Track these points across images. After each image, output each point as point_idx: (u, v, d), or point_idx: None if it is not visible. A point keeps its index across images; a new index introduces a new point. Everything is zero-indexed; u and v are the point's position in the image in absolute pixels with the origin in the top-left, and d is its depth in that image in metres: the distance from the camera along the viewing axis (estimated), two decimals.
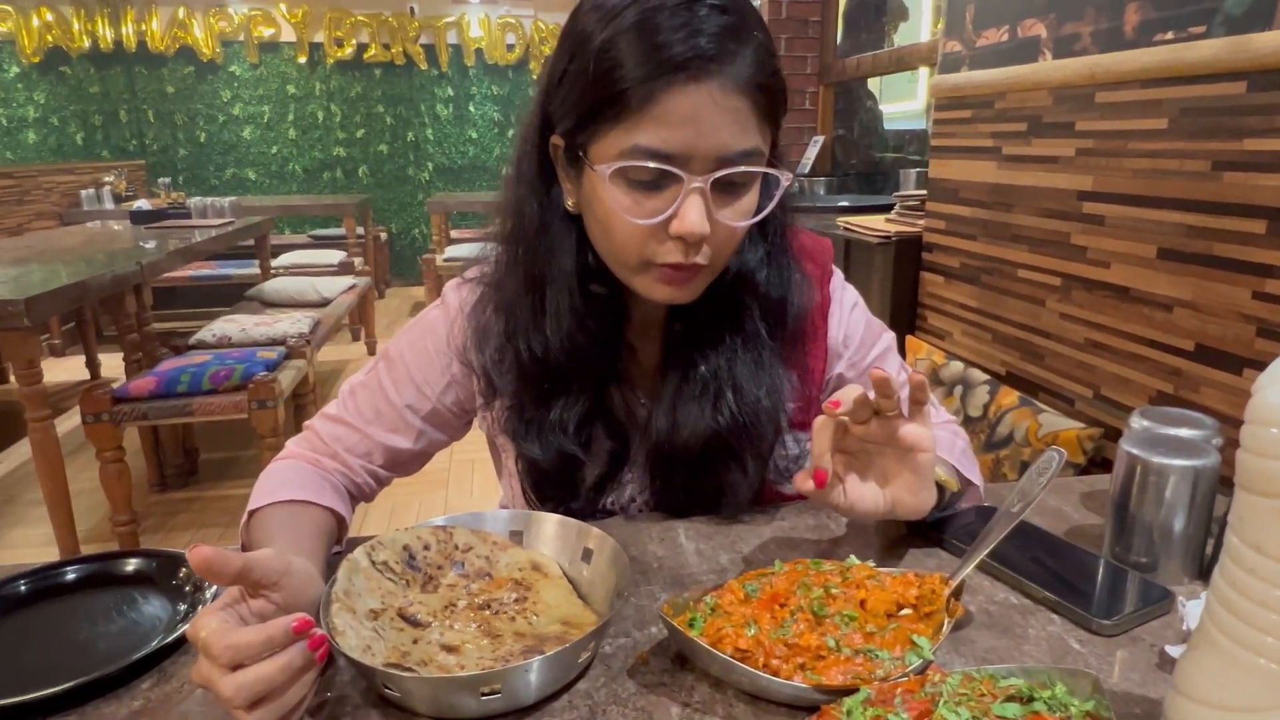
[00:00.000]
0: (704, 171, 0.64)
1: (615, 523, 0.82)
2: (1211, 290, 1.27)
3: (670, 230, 0.65)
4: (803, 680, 0.53)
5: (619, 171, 0.65)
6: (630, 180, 0.65)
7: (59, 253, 2.76)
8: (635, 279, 0.71)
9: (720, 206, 0.66)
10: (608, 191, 0.65)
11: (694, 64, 0.61)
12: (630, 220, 0.66)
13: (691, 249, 0.67)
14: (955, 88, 1.92)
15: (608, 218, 0.67)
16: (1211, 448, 0.69)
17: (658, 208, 0.65)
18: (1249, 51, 1.17)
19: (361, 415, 0.83)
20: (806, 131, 3.62)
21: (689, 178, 0.64)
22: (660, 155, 0.63)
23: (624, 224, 0.66)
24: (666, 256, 0.67)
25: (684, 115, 0.62)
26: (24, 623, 0.67)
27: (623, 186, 0.65)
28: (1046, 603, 0.66)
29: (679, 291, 0.71)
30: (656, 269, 0.69)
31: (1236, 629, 0.42)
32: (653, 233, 0.67)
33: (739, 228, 0.68)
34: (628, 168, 0.64)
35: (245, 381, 2.28)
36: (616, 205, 0.65)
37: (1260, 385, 0.40)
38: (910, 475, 0.66)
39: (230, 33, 5.80)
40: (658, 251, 0.67)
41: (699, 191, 0.64)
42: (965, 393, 1.81)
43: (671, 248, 0.67)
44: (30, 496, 2.77)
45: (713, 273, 0.72)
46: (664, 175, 0.64)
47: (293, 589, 0.55)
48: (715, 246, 0.68)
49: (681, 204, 0.64)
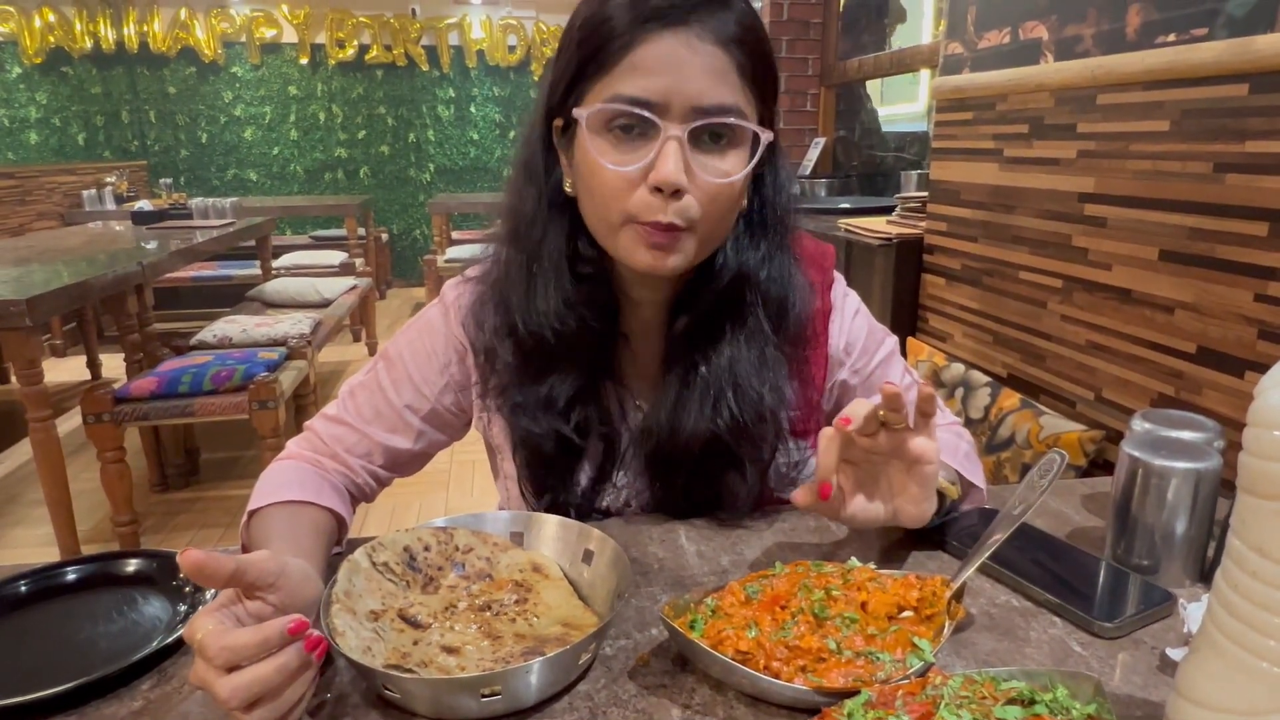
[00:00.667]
0: (681, 120, 0.65)
1: (616, 524, 0.82)
2: (1213, 292, 1.27)
3: (649, 181, 0.66)
4: (803, 682, 0.53)
5: (598, 119, 0.67)
6: (611, 130, 0.67)
7: (60, 253, 2.76)
8: (618, 241, 0.70)
9: (701, 162, 0.67)
10: (590, 143, 0.67)
11: (671, 13, 0.64)
12: (611, 169, 0.66)
13: (671, 202, 0.66)
14: (957, 89, 1.92)
15: (591, 173, 0.68)
16: (1213, 450, 0.69)
17: (637, 158, 0.66)
18: (1251, 53, 1.17)
19: (361, 416, 0.83)
20: (808, 133, 3.62)
21: (666, 125, 0.65)
22: (638, 101, 0.65)
23: (605, 175, 0.67)
24: (646, 213, 0.67)
25: (661, 63, 0.64)
26: (24, 623, 0.67)
27: (605, 137, 0.67)
28: (1048, 605, 0.66)
29: (660, 257, 0.69)
30: (638, 227, 0.68)
31: (1238, 632, 0.42)
32: (632, 185, 0.67)
33: (720, 185, 0.68)
34: (606, 112, 0.66)
35: (246, 382, 2.29)
36: (597, 154, 0.67)
37: (1262, 388, 0.40)
38: (913, 486, 0.66)
39: (232, 34, 5.81)
40: (638, 207, 0.67)
41: (676, 140, 0.65)
42: (966, 395, 1.81)
43: (651, 202, 0.67)
44: (31, 496, 2.78)
45: (699, 243, 0.70)
46: (644, 124, 0.66)
47: (289, 590, 0.55)
48: (703, 206, 0.68)
49: (658, 152, 0.65)
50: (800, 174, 3.36)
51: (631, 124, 0.66)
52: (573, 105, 0.69)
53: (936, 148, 2.03)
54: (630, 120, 0.66)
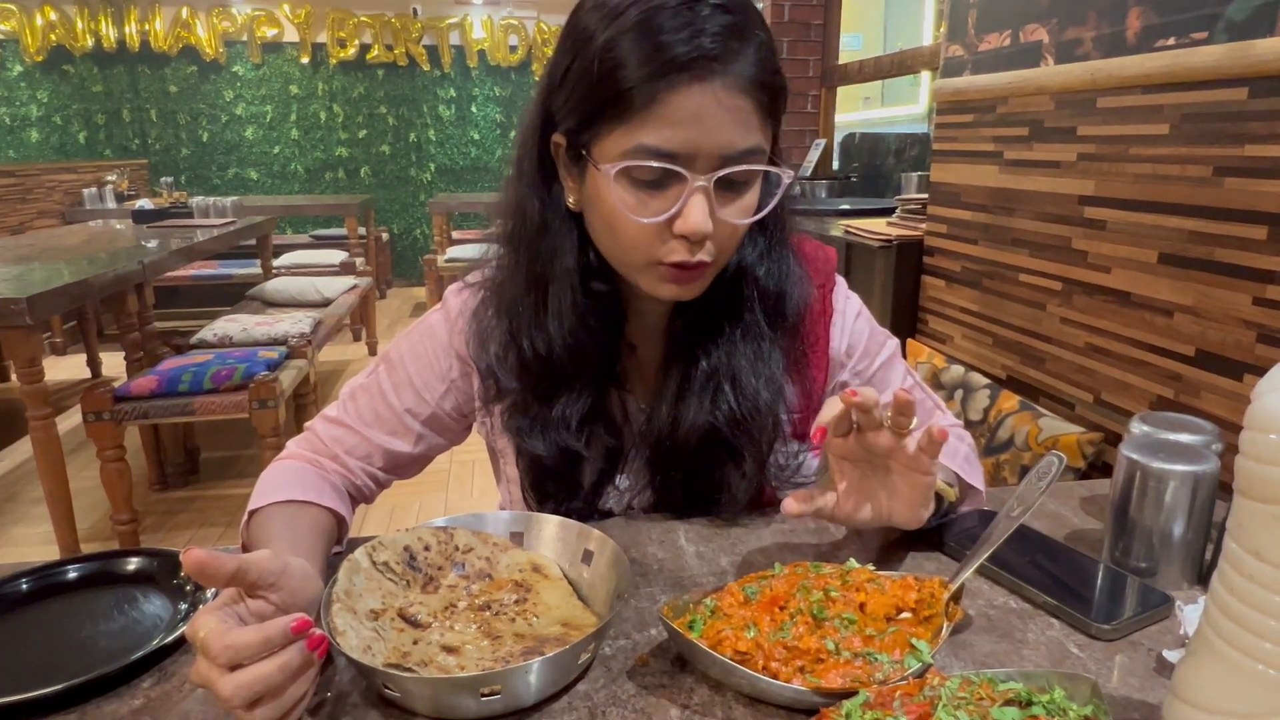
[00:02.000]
0: (707, 170, 0.65)
1: (615, 524, 0.82)
2: (1212, 295, 1.27)
3: (674, 229, 0.66)
4: (802, 683, 0.53)
5: (623, 171, 0.65)
6: (634, 179, 0.66)
7: (61, 251, 2.76)
8: (640, 277, 0.72)
9: (723, 204, 0.67)
10: (612, 191, 0.66)
11: (698, 64, 0.62)
12: (635, 219, 0.66)
13: (695, 247, 0.67)
14: (957, 92, 1.92)
15: (612, 217, 0.68)
16: (1211, 453, 0.69)
17: (661, 207, 0.66)
18: (1251, 58, 1.18)
19: (361, 418, 0.83)
20: (808, 134, 3.62)
21: (693, 177, 0.64)
22: (665, 154, 0.64)
23: (629, 223, 0.67)
24: (671, 255, 0.68)
25: (688, 115, 0.62)
26: (25, 621, 0.67)
27: (627, 186, 0.66)
28: (1046, 607, 0.66)
29: (684, 289, 0.71)
30: (662, 268, 0.69)
31: (1234, 634, 0.42)
32: (657, 231, 0.67)
33: (741, 225, 0.69)
34: (632, 167, 0.65)
35: (246, 381, 2.29)
36: (621, 204, 0.66)
37: (1259, 391, 0.41)
38: (910, 491, 0.67)
39: (233, 33, 5.81)
40: (662, 250, 0.68)
41: (703, 190, 0.65)
42: (966, 397, 1.81)
43: (675, 246, 0.67)
44: (31, 495, 2.78)
45: (716, 269, 0.73)
46: (668, 174, 0.65)
47: (291, 589, 0.55)
48: (718, 244, 0.69)
49: (685, 203, 0.65)
50: (800, 175, 3.36)
51: (656, 175, 0.65)
52: (586, 141, 0.67)
53: (937, 150, 2.03)
54: (655, 174, 0.65)
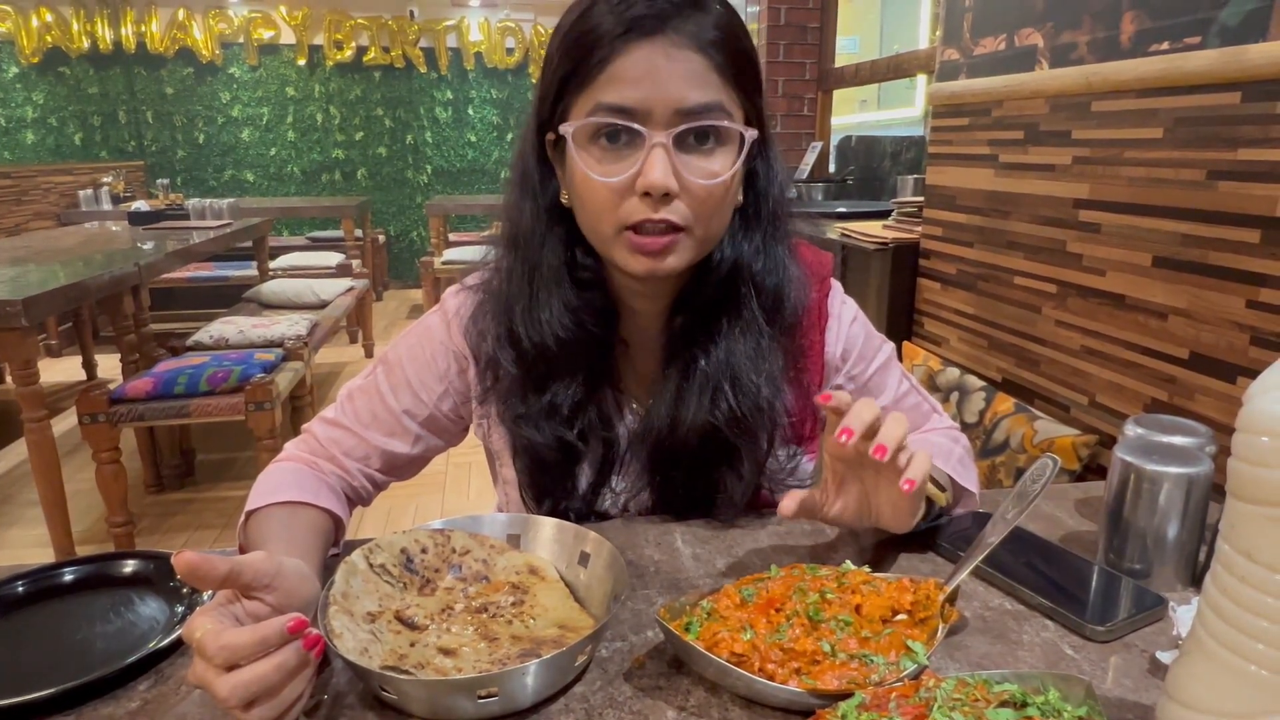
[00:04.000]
0: (664, 126, 0.67)
1: (612, 527, 0.82)
2: (1206, 298, 1.28)
3: (637, 186, 0.67)
4: (798, 684, 0.53)
5: (585, 132, 0.68)
6: (597, 141, 0.68)
7: (57, 253, 2.76)
8: (614, 251, 0.72)
9: (689, 165, 0.68)
10: (578, 156, 0.68)
11: (645, 22, 0.65)
12: (600, 180, 0.68)
13: (659, 204, 0.68)
14: (953, 95, 1.93)
15: (582, 184, 0.70)
16: (1205, 455, 0.70)
17: (624, 168, 0.68)
18: (1243, 62, 1.18)
19: (359, 420, 0.83)
20: (805, 137, 3.63)
21: (650, 133, 0.66)
22: (620, 110, 0.66)
23: (595, 186, 0.68)
24: (635, 214, 0.68)
25: (639, 71, 0.65)
26: (21, 624, 0.67)
27: (591, 149, 0.69)
28: (1041, 609, 0.66)
29: (655, 261, 0.70)
30: (630, 237, 0.69)
31: (1227, 635, 0.42)
32: (622, 194, 0.68)
33: (710, 186, 0.69)
34: (590, 125, 0.67)
35: (242, 383, 2.28)
36: (586, 167, 0.68)
37: (1251, 394, 0.41)
38: (898, 497, 0.67)
39: (230, 34, 5.80)
40: (631, 214, 0.68)
41: (662, 146, 0.66)
42: (961, 399, 1.81)
43: (642, 206, 0.68)
44: (26, 497, 2.77)
45: (696, 244, 0.72)
46: (629, 134, 0.67)
47: (286, 590, 0.55)
48: (693, 208, 0.69)
49: (645, 159, 0.67)
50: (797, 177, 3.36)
51: (617, 133, 0.67)
52: (559, 120, 0.70)
53: (933, 153, 2.04)
54: (615, 130, 0.67)
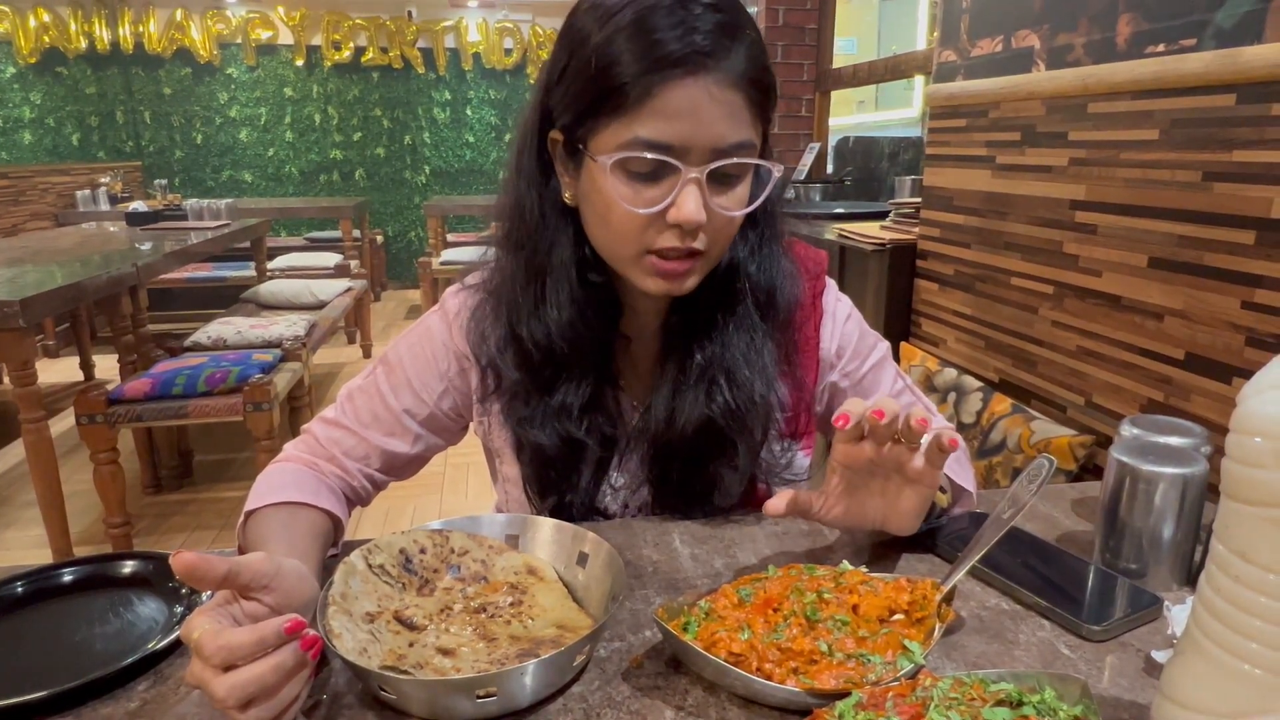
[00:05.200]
0: (700, 163, 0.66)
1: (610, 527, 0.82)
2: (1201, 299, 1.28)
3: (668, 219, 0.68)
4: (795, 684, 0.53)
5: (619, 163, 0.67)
6: (629, 171, 0.67)
7: (54, 254, 2.75)
8: (631, 270, 0.72)
9: (715, 196, 0.68)
10: (608, 182, 0.67)
11: (691, 59, 0.64)
12: (630, 209, 0.68)
13: (688, 236, 0.69)
14: (950, 97, 1.93)
15: (607, 208, 0.69)
16: (1200, 456, 0.70)
17: (656, 197, 0.67)
18: (1239, 64, 1.19)
19: (359, 419, 0.83)
20: (803, 138, 3.63)
21: (686, 169, 0.66)
22: (659, 146, 0.65)
23: (623, 213, 0.68)
24: (663, 242, 0.69)
25: (682, 108, 0.64)
26: (21, 624, 0.67)
27: (622, 177, 0.68)
28: (1037, 608, 0.67)
29: (672, 284, 0.72)
30: (652, 260, 0.70)
31: (1221, 634, 0.42)
32: (650, 222, 0.69)
33: (734, 217, 0.70)
34: (628, 159, 0.66)
35: (240, 384, 2.28)
36: (616, 195, 0.67)
37: (1245, 395, 0.41)
38: (909, 501, 0.68)
39: (228, 35, 5.80)
40: (655, 239, 0.69)
41: (695, 182, 0.66)
42: (958, 400, 1.82)
43: (668, 234, 0.69)
44: (24, 498, 2.76)
45: (708, 263, 0.74)
46: (662, 166, 0.67)
47: (285, 590, 0.55)
48: (711, 235, 0.70)
49: (679, 193, 0.67)
50: (795, 179, 3.37)
51: (651, 167, 0.67)
52: (583, 136, 0.69)
53: (930, 154, 2.04)
54: (650, 166, 0.67)
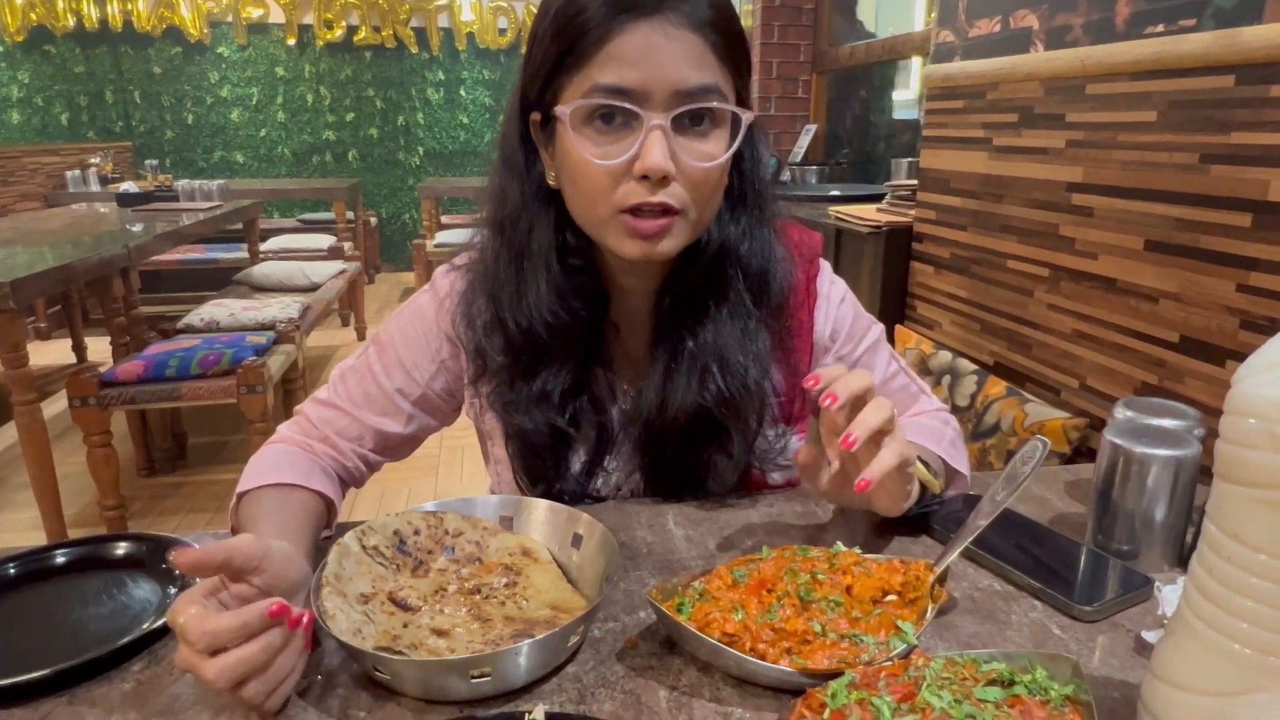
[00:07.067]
0: (662, 109, 0.66)
1: (604, 508, 0.82)
2: (1197, 282, 1.29)
3: (635, 170, 0.66)
4: (789, 664, 0.54)
5: (580, 114, 0.66)
6: (592, 123, 0.67)
7: (44, 235, 2.73)
8: (608, 234, 0.71)
9: (685, 147, 0.67)
10: (573, 139, 0.67)
11: (645, 2, 0.64)
12: (597, 164, 0.66)
13: (657, 187, 0.67)
14: (947, 78, 1.92)
15: (576, 168, 0.68)
16: (1193, 438, 0.70)
17: (621, 150, 0.66)
18: (1237, 45, 1.18)
19: (352, 399, 0.83)
20: (799, 120, 3.61)
21: (648, 115, 0.65)
22: (618, 91, 0.65)
23: (593, 171, 0.67)
24: (632, 197, 0.67)
25: (638, 52, 0.64)
26: (14, 606, 0.67)
27: (586, 132, 0.67)
28: (1029, 589, 0.67)
29: (650, 245, 0.70)
30: (627, 220, 0.68)
31: (1212, 615, 0.43)
32: (620, 179, 0.67)
33: (706, 169, 0.68)
34: (587, 106, 0.66)
35: (234, 366, 2.27)
36: (581, 150, 0.66)
37: (1239, 377, 0.41)
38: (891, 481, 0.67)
39: (218, 13, 5.72)
40: (626, 197, 0.67)
41: (659, 129, 0.65)
42: (953, 382, 1.82)
43: (639, 188, 0.67)
44: (17, 480, 2.76)
45: (690, 226, 0.71)
46: (625, 115, 0.66)
47: (273, 572, 0.56)
48: (689, 191, 0.69)
49: (643, 142, 0.66)
50: (791, 161, 3.35)
51: (613, 114, 0.66)
52: (550, 101, 0.69)
53: (927, 136, 2.03)
54: (611, 111, 0.66)
